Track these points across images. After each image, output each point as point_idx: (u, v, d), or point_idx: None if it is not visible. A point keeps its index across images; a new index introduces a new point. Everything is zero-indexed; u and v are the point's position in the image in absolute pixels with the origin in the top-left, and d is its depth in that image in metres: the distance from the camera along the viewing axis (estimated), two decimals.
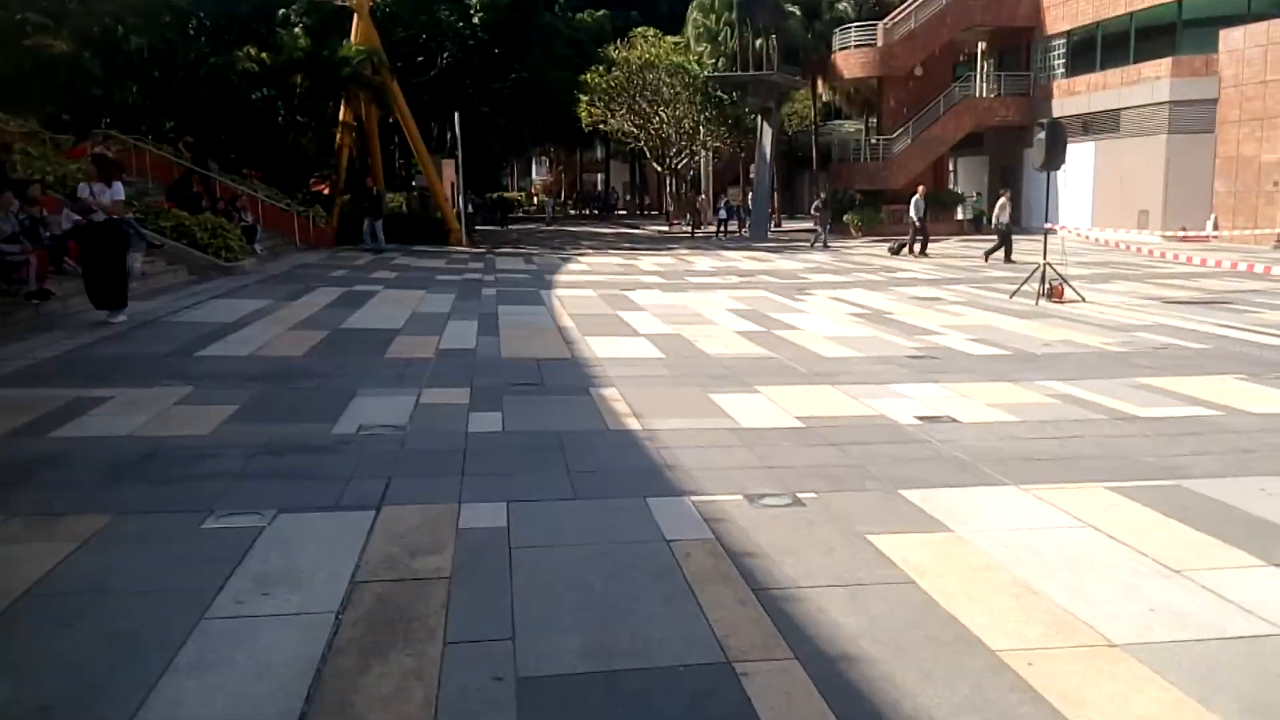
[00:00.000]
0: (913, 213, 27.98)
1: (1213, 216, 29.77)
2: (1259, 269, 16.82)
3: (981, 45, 43.28)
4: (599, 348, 11.46)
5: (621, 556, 4.69)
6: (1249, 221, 28.27)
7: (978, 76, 43.23)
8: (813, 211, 32.69)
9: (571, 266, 24.43)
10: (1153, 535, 4.94)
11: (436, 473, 6.17)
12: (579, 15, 42.94)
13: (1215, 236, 28.73)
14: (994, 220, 24.54)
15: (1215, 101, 30.54)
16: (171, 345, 11.21)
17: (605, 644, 3.76)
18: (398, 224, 33.19)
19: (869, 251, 30.01)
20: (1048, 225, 17.13)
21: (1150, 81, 32.46)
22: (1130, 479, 5.93)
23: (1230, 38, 30.18)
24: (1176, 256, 19.26)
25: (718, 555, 4.71)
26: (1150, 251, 21.21)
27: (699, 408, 8.16)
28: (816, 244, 31.43)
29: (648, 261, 26.27)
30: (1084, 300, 15.69)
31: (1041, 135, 15.59)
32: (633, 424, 7.56)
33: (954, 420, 7.64)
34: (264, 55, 30.07)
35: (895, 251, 28.06)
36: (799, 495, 5.65)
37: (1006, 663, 3.56)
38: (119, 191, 12.80)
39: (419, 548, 4.81)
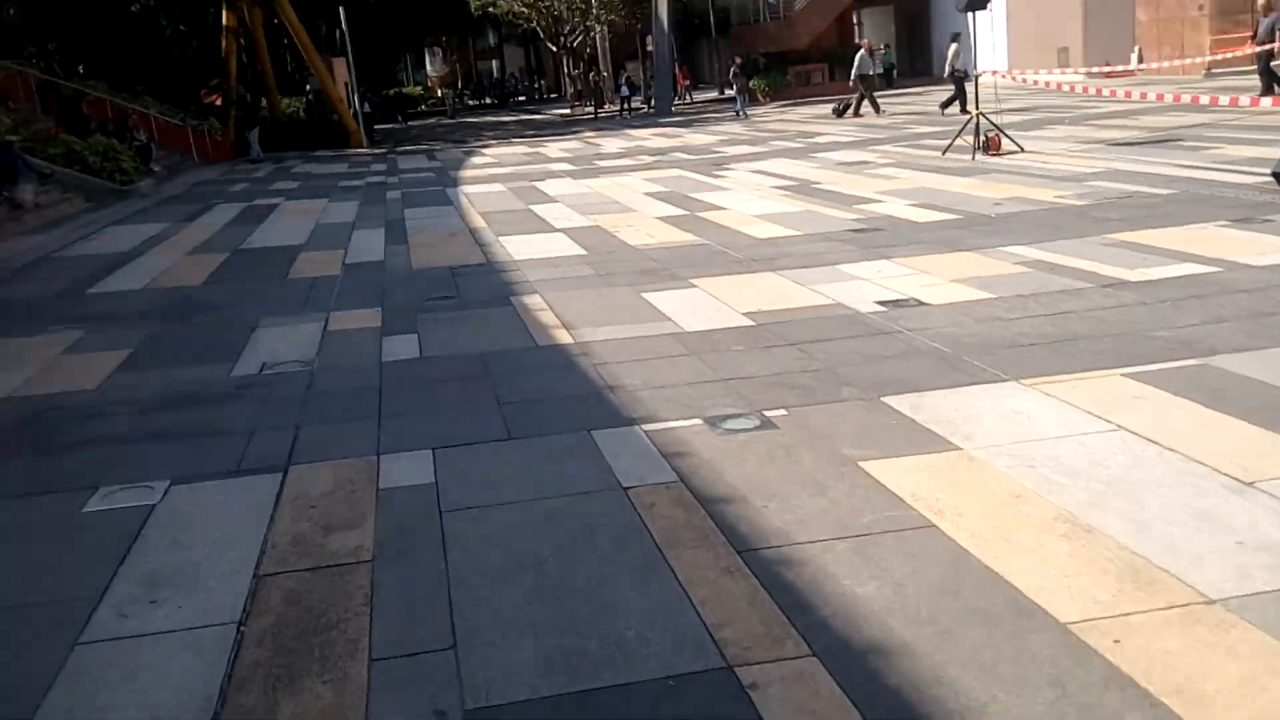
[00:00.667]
0: (856, 71, 26.00)
1: (1137, 48, 28.83)
2: (1202, 100, 15.93)
3: None
4: (515, 248, 10.43)
5: (573, 516, 3.81)
6: (1175, 51, 27.50)
7: None
8: (731, 79, 31.15)
9: (476, 160, 23.03)
10: (1201, 435, 4.13)
11: (350, 416, 5.28)
12: None
13: (1141, 69, 27.99)
14: (948, 68, 23.24)
15: None
16: (62, 283, 10.26)
17: (569, 650, 2.91)
18: (295, 130, 31.41)
19: (782, 118, 28.91)
20: (976, 71, 16.18)
21: None
22: (1147, 361, 5.12)
23: None
24: (1107, 93, 18.50)
25: (687, 505, 3.84)
26: (1075, 89, 20.37)
27: (633, 311, 7.24)
28: (743, 113, 29.98)
29: (554, 148, 24.92)
30: (1023, 150, 14.88)
31: None
32: (563, 337, 6.64)
33: (920, 303, 6.81)
34: None
35: (840, 113, 26.16)
36: (766, 414, 4.79)
37: (1086, 642, 2.74)
38: None
39: (334, 521, 3.93)
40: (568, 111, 43.11)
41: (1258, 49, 18.89)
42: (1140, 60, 28.49)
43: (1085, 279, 7.09)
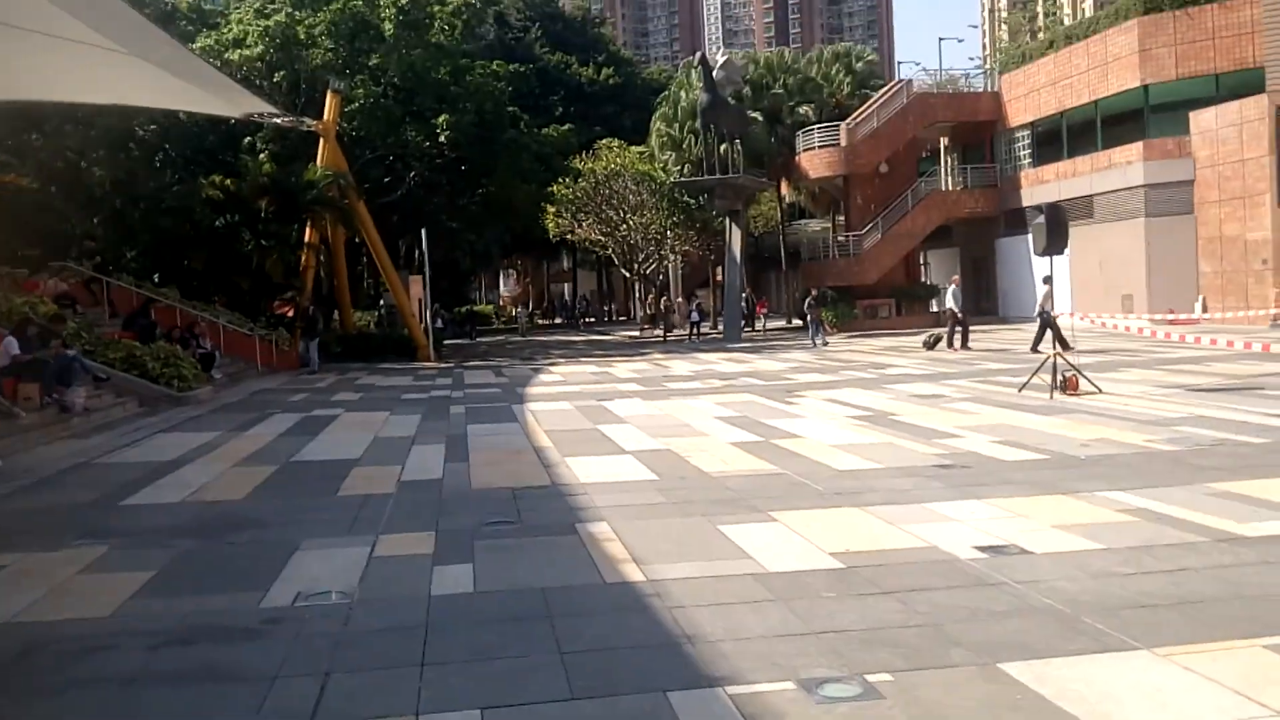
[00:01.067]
0: (950, 303, 25.96)
1: (1200, 298, 29.00)
2: (1274, 349, 15.64)
3: (944, 140, 43.44)
4: (582, 470, 10.12)
5: None
6: (1239, 302, 27.51)
7: (943, 170, 43.23)
8: (805, 310, 31.61)
9: (544, 378, 23.15)
10: None
11: (388, 663, 4.75)
12: (544, 130, 42.70)
13: (1205, 319, 27.91)
14: (1038, 309, 23.13)
15: (1191, 183, 30.13)
16: (96, 492, 9.83)
17: None
18: (364, 342, 32.23)
19: (851, 349, 28.94)
20: (1055, 313, 16.03)
21: (1122, 167, 32.15)
22: None
23: (1201, 119, 29.94)
24: (1176, 337, 18.26)
25: None
26: (1144, 332, 20.21)
27: (710, 545, 6.80)
28: (819, 341, 30.18)
29: (623, 368, 25.07)
30: (1100, 391, 14.49)
31: (1041, 219, 14.66)
32: (633, 573, 6.19)
33: (1023, 550, 6.31)
34: (228, 182, 29.41)
35: (931, 345, 26.03)
36: (869, 679, 4.26)
37: None
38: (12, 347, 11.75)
39: None
40: (637, 334, 43.93)
41: None
42: (1205, 310, 28.46)
43: (1197, 531, 6.55)
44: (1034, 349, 22.64)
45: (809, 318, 31.43)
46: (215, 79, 17.57)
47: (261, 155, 31.96)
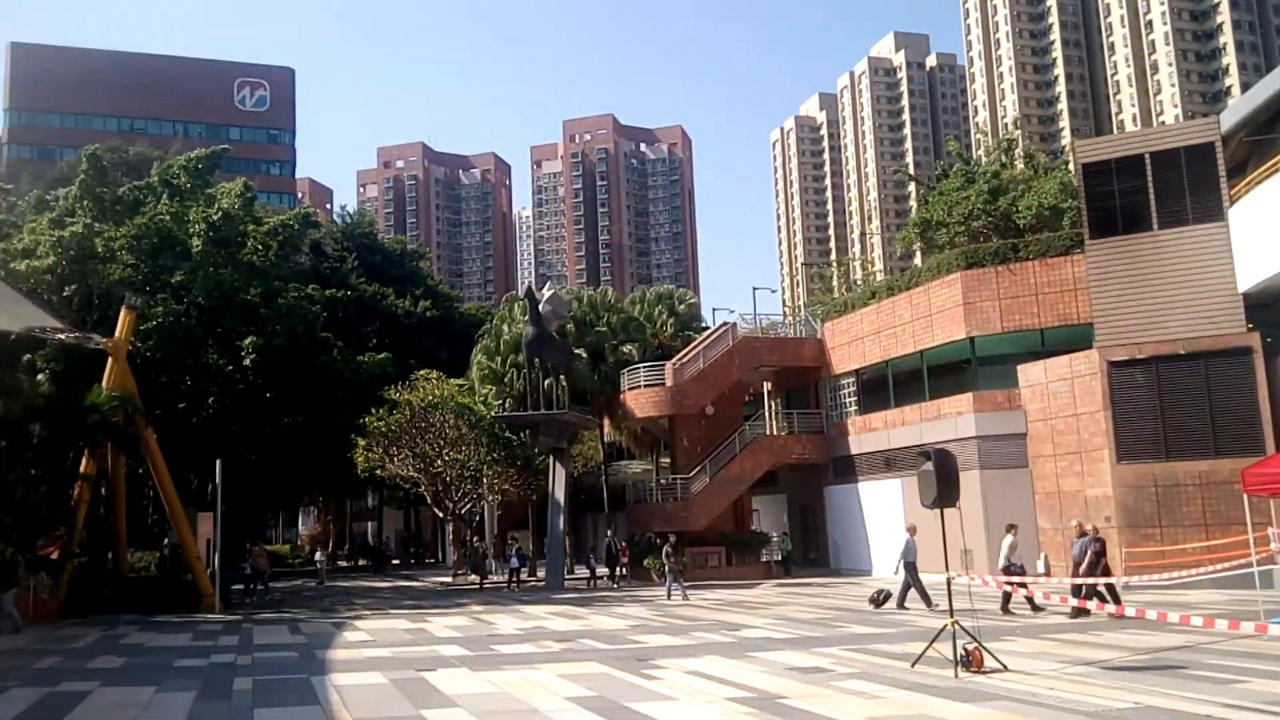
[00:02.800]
0: (902, 558, 22.62)
1: (1043, 555, 27.85)
2: (1151, 615, 14.38)
3: (768, 385, 43.77)
4: None
5: None
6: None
7: (768, 415, 43.30)
8: (664, 558, 29.21)
9: (349, 636, 20.17)
10: None
11: None
12: (360, 358, 40.67)
13: (1047, 577, 27.23)
14: (1003, 561, 21.67)
15: (1024, 436, 30.24)
16: None
17: None
18: (142, 589, 28.25)
19: (688, 603, 27.07)
20: (950, 575, 14.47)
21: (952, 418, 32.26)
22: None
23: (1030, 372, 30.42)
24: (1041, 597, 17.46)
25: None
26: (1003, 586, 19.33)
27: None
28: (676, 593, 27.89)
29: (439, 624, 22.33)
30: (1006, 669, 12.89)
31: (928, 466, 13.50)
32: None
33: None
34: None
35: (879, 603, 22.84)
36: None
37: None
38: None
39: None
40: (448, 580, 40.79)
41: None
42: (1047, 569, 27.78)
43: None
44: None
45: (666, 567, 29.08)
46: None
47: (40, 375, 28.53)
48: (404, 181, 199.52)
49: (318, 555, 46.54)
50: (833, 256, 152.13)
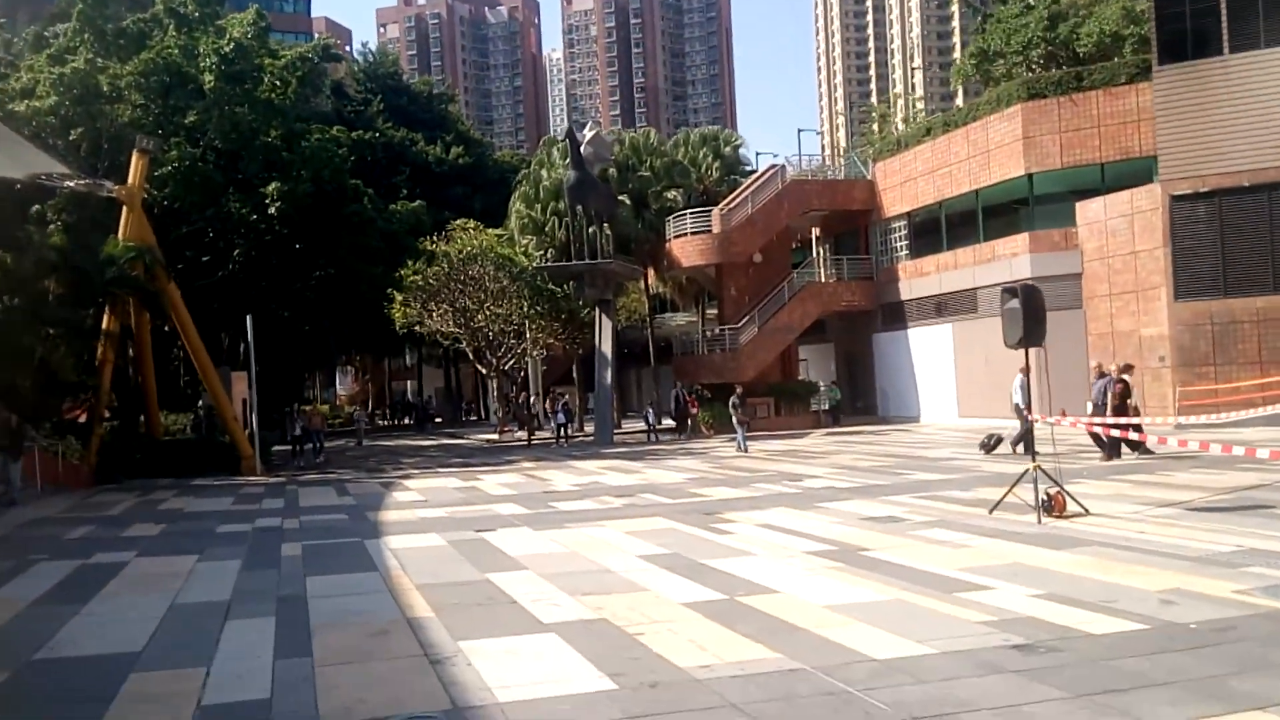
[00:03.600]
0: (1018, 398, 20.55)
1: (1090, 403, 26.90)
2: (1237, 450, 12.89)
3: (816, 230, 41.78)
4: (492, 672, 6.52)
5: None
6: (1137, 400, 25.85)
7: (817, 261, 41.48)
8: (731, 409, 27.74)
9: (399, 496, 19.13)
10: None
11: None
12: (392, 207, 38.78)
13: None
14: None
15: (1079, 276, 28.60)
16: None
17: None
18: (175, 452, 27.30)
19: (742, 454, 25.93)
20: (1033, 416, 13.23)
21: (1007, 259, 30.56)
22: None
23: (1089, 210, 28.56)
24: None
25: None
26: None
27: None
28: (745, 447, 26.49)
29: (491, 481, 21.30)
30: (1088, 512, 11.83)
31: (1014, 304, 12.03)
32: None
33: None
34: (4, 257, 24.38)
35: (991, 447, 21.17)
36: None
37: None
38: None
39: None
40: (494, 436, 39.92)
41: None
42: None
43: None
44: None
45: (734, 419, 27.57)
46: None
47: (51, 227, 26.97)
48: (426, 20, 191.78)
49: (357, 414, 45.86)
50: (873, 99, 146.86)
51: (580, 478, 21.14)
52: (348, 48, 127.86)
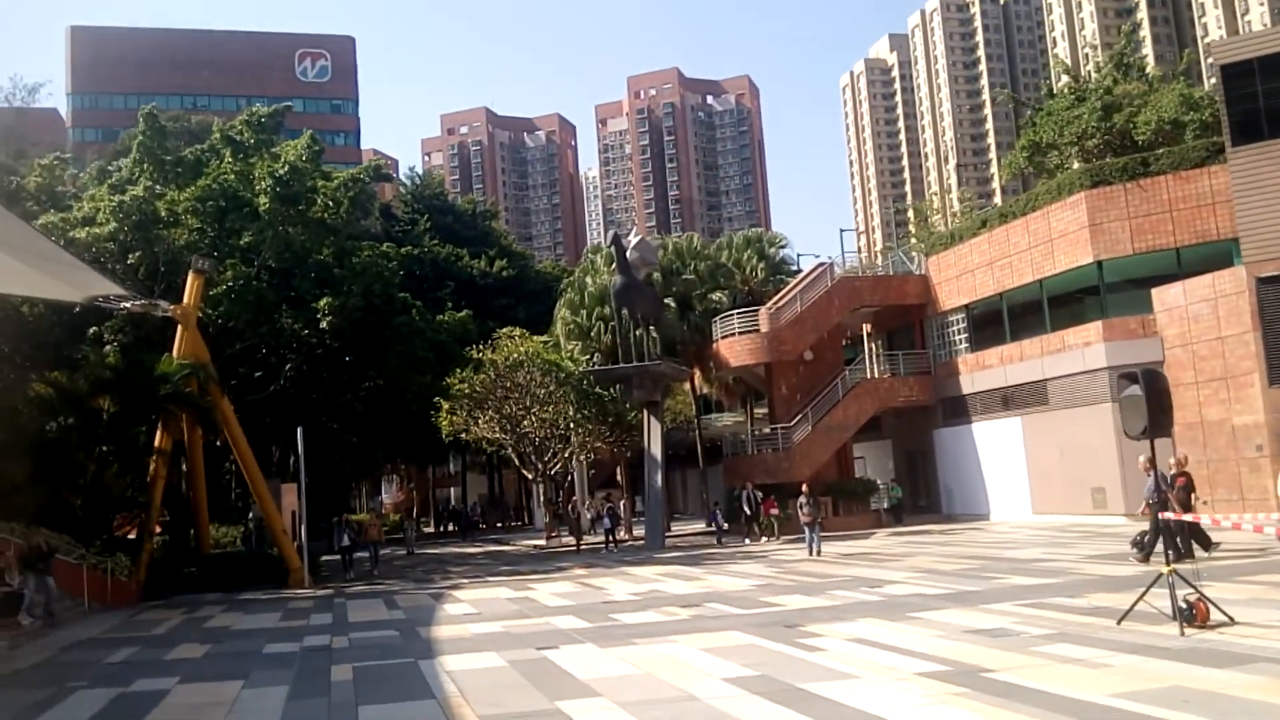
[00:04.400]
0: (1148, 497, 17.40)
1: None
2: None
3: (867, 327, 41.28)
4: None
5: None
6: (1232, 492, 24.66)
7: (868, 358, 40.87)
8: (799, 508, 26.63)
9: (450, 609, 18.41)
10: None
11: None
12: (440, 317, 38.94)
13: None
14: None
15: (1161, 364, 27.63)
16: None
17: None
18: (226, 566, 26.89)
19: (798, 555, 24.98)
20: (1166, 515, 12.18)
21: (1079, 349, 29.78)
22: None
23: (1167, 295, 27.83)
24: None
25: None
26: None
27: None
28: (817, 551, 25.43)
29: (545, 591, 20.51)
30: (1234, 621, 10.68)
31: (1135, 390, 11.14)
32: None
33: None
34: (60, 377, 24.53)
35: (1141, 545, 17.76)
36: None
37: None
38: None
39: None
40: (541, 543, 39.13)
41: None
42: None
43: None
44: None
45: (802, 518, 26.33)
46: (53, 255, 13.66)
47: (107, 348, 27.13)
48: (469, 147, 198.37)
49: (406, 524, 45.34)
50: (908, 200, 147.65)
51: (638, 585, 20.33)
52: (394, 175, 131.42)
